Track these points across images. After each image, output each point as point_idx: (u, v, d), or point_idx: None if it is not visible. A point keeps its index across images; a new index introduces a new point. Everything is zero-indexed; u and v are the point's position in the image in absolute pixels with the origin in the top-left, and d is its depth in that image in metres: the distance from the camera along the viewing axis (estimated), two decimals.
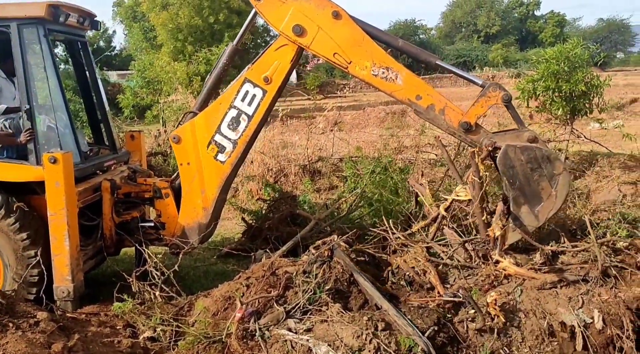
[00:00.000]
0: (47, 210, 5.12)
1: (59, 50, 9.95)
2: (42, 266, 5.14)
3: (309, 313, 4.25)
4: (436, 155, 10.67)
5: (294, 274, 4.55)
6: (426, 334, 4.05)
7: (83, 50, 6.42)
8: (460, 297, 4.35)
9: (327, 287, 4.38)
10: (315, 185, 10.46)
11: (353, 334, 3.95)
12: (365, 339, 3.92)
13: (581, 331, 4.18)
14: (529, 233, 4.94)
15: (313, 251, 4.81)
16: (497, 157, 4.94)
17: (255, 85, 5.38)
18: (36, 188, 5.28)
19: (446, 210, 5.43)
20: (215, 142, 5.52)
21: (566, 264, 4.80)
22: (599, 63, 34.92)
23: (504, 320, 4.16)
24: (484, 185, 5.02)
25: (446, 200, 5.48)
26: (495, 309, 4.16)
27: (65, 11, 5.52)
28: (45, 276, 5.16)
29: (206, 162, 5.57)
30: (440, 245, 5.40)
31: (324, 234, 6.31)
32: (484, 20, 57.42)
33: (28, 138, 5.30)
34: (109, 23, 44.76)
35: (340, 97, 32.48)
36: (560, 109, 9.57)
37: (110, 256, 6.13)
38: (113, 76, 33.07)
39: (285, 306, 4.32)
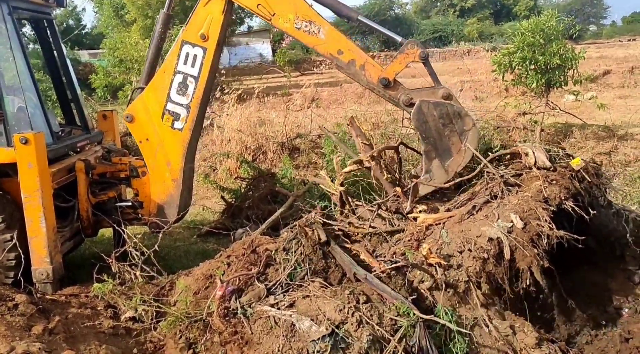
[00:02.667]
0: (20, 193, 5.01)
1: (27, 29, 9.65)
2: (19, 250, 5.06)
3: (290, 290, 4.26)
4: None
5: (274, 251, 4.54)
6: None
7: (50, 29, 6.24)
8: (400, 261, 4.41)
9: (306, 264, 4.38)
10: (294, 162, 10.43)
11: (335, 309, 3.97)
12: (348, 313, 3.94)
13: (506, 238, 4.40)
14: (439, 186, 5.17)
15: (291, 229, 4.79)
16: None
17: (193, 45, 5.36)
18: (8, 170, 5.17)
19: (341, 184, 5.54)
20: (169, 111, 5.50)
21: (474, 193, 5.07)
22: (574, 35, 35.22)
23: (444, 262, 4.28)
24: (373, 146, 5.30)
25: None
26: (432, 257, 4.28)
27: None
28: (22, 259, 5.09)
29: (164, 134, 5.54)
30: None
31: (303, 211, 6.30)
32: None
33: None
34: (78, 0, 43.40)
35: (316, 73, 32.27)
36: (535, 82, 9.65)
37: (88, 237, 6.05)
38: (84, 55, 32.26)
39: (266, 283, 4.32)
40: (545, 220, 4.51)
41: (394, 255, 4.57)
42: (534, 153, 5.15)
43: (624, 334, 4.67)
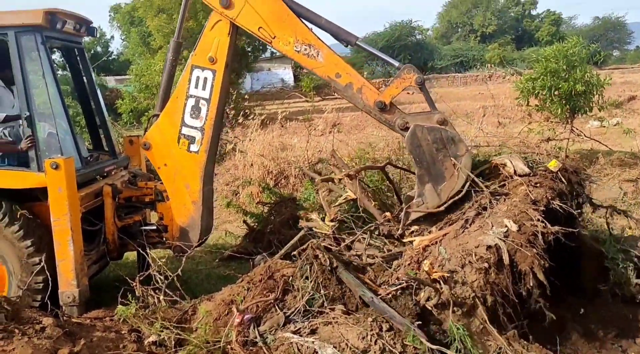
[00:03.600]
0: (50, 216, 5.12)
1: (57, 56, 9.96)
2: (47, 273, 5.14)
3: (310, 316, 4.24)
4: None
5: (291, 277, 4.53)
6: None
7: (80, 57, 6.44)
8: (404, 282, 4.38)
9: (321, 290, 4.34)
10: (316, 187, 10.45)
11: (358, 336, 3.94)
12: (371, 341, 3.91)
13: (503, 243, 4.39)
14: (432, 209, 5.13)
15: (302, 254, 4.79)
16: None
17: (203, 69, 5.47)
18: (39, 194, 5.28)
19: (332, 220, 5.60)
20: (184, 135, 5.59)
21: (463, 209, 5.07)
22: (599, 61, 34.97)
23: (447, 275, 4.25)
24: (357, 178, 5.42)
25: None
26: (435, 272, 4.26)
27: (62, 18, 5.54)
28: (50, 282, 5.17)
29: (181, 157, 5.63)
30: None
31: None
32: (480, 20, 57.48)
33: (29, 145, 5.30)
34: (106, 28, 44.61)
35: (338, 98, 32.49)
36: (560, 108, 9.58)
37: (114, 260, 6.12)
38: (111, 81, 33.03)
39: (285, 310, 4.30)
40: (538, 219, 4.56)
41: (397, 279, 4.55)
42: (511, 162, 5.28)
43: None
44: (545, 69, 9.45)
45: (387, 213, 5.39)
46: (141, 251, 5.74)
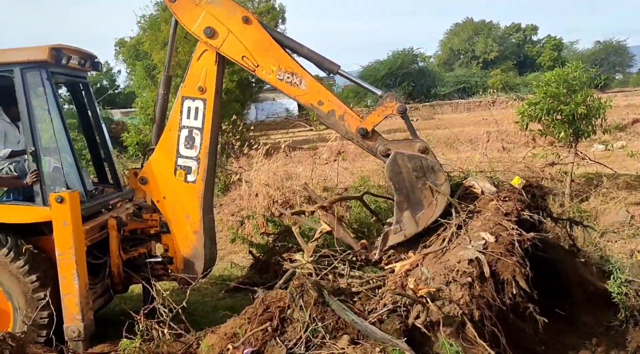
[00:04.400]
0: (55, 250, 5.12)
1: (63, 90, 10.09)
2: (52, 308, 5.12)
3: (314, 348, 4.18)
4: None
5: (286, 309, 4.49)
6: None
7: (85, 91, 6.53)
8: (390, 303, 4.39)
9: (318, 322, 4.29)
10: (290, 221, 10.42)
11: None
12: None
13: (483, 255, 4.45)
14: (409, 236, 5.24)
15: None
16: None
17: (194, 99, 5.56)
18: (43, 229, 5.30)
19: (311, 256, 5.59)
20: (180, 166, 5.65)
21: (437, 231, 5.18)
22: (600, 85, 35.09)
23: (433, 290, 4.24)
24: (334, 212, 5.56)
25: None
26: (420, 289, 4.25)
27: (66, 54, 5.63)
28: (55, 317, 5.14)
29: (179, 189, 5.68)
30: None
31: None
32: (481, 46, 58.00)
33: (34, 179, 5.35)
34: (112, 62, 45.26)
35: None
36: (563, 132, 9.58)
37: (119, 294, 6.09)
38: (117, 114, 33.37)
39: (286, 342, 4.26)
40: (513, 228, 4.69)
41: (385, 305, 4.52)
42: (478, 183, 5.45)
43: None
44: (545, 93, 9.48)
45: (364, 241, 5.49)
46: (145, 285, 5.71)
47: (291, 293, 4.47)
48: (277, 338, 4.26)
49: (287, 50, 5.49)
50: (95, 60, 6.38)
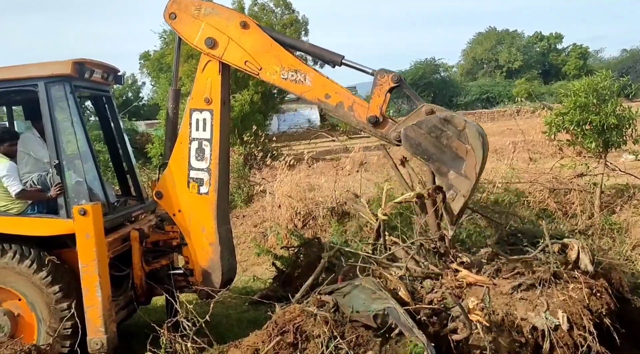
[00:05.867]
0: (78, 263, 5.13)
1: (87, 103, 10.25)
2: (76, 319, 5.12)
3: None
4: None
5: (304, 324, 4.42)
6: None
7: (108, 104, 6.58)
8: (437, 303, 4.32)
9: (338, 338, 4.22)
10: (344, 227, 10.34)
11: None
12: None
13: (551, 333, 4.27)
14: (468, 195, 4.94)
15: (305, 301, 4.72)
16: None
17: (201, 111, 5.55)
18: (67, 241, 5.32)
19: (384, 214, 5.47)
20: (192, 178, 5.64)
21: (517, 270, 4.88)
22: (630, 94, 34.42)
23: (487, 324, 4.12)
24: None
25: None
26: (477, 314, 4.15)
27: (90, 68, 5.69)
28: (79, 328, 5.14)
29: (193, 201, 5.65)
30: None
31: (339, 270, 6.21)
32: (505, 56, 57.52)
33: (58, 192, 5.39)
34: (137, 75, 46.03)
35: (364, 137, 32.58)
36: (593, 142, 9.34)
37: (142, 305, 6.08)
38: (141, 126, 33.79)
39: None
40: (591, 333, 4.38)
41: (431, 302, 4.49)
42: (580, 251, 4.97)
43: None
44: (574, 103, 9.27)
45: (446, 232, 5.23)
46: (168, 297, 5.68)
47: (307, 310, 4.41)
48: None
49: (288, 49, 5.44)
50: (118, 73, 6.44)
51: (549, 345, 4.23)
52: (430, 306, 4.49)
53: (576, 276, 4.71)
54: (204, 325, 5.06)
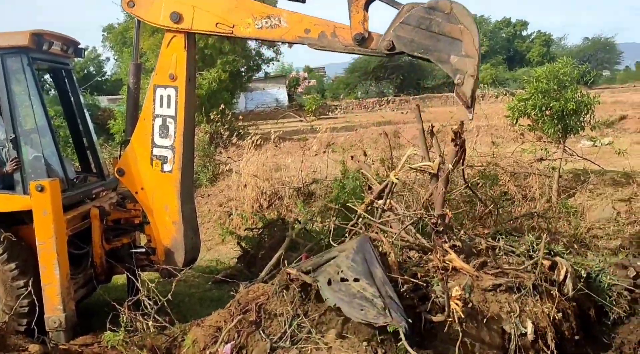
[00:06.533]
0: (35, 239, 5.02)
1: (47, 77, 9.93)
2: (33, 297, 5.03)
3: (300, 341, 4.15)
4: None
5: (267, 302, 4.46)
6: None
7: (68, 78, 6.40)
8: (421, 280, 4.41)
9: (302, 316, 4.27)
10: (311, 207, 10.38)
11: None
12: None
13: (517, 340, 4.42)
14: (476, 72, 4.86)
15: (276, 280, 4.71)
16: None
17: (165, 87, 5.46)
18: (24, 217, 5.20)
19: (397, 177, 5.51)
20: (156, 156, 5.56)
21: (503, 269, 4.97)
22: (589, 81, 35.30)
23: (462, 316, 4.22)
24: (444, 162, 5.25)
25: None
26: (457, 303, 4.22)
27: (48, 39, 5.52)
28: (36, 307, 5.05)
29: (156, 179, 5.58)
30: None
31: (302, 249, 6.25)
32: None
33: (14, 167, 5.25)
34: (100, 49, 44.77)
35: (332, 118, 32.60)
36: (552, 128, 9.59)
37: (102, 284, 6.01)
38: (104, 101, 33.00)
39: (271, 337, 4.21)
40: (552, 352, 4.54)
41: (414, 276, 4.58)
42: (566, 274, 5.04)
43: None
44: (536, 89, 9.46)
45: (449, 211, 5.26)
46: (130, 276, 5.63)
47: (276, 287, 4.43)
48: (261, 332, 4.21)
49: None
50: (79, 46, 6.27)
51: (515, 348, 4.38)
52: (414, 280, 4.56)
53: (553, 294, 4.84)
54: (165, 304, 5.05)
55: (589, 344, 5.09)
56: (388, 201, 5.64)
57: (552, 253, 5.37)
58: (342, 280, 4.29)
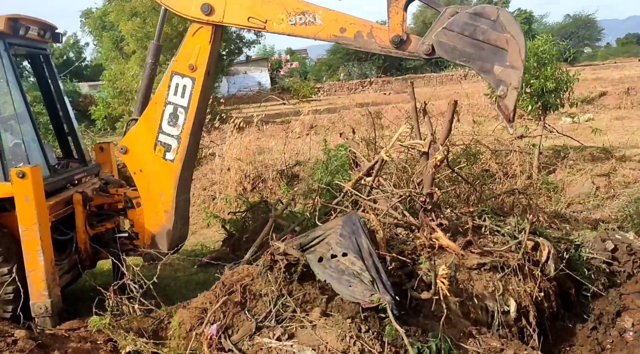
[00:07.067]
0: (18, 226, 5.00)
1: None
2: (18, 283, 5.02)
3: (284, 320, 4.20)
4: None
5: (252, 283, 4.48)
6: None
7: (46, 63, 6.30)
8: (408, 257, 4.51)
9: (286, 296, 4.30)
10: (294, 189, 10.42)
11: (337, 338, 3.92)
12: (350, 342, 3.89)
13: (500, 317, 4.57)
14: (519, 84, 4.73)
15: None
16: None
17: (183, 76, 5.34)
18: (6, 204, 5.16)
19: (388, 155, 5.55)
20: (161, 142, 5.48)
21: (490, 248, 5.08)
22: (569, 59, 35.54)
23: (448, 294, 4.28)
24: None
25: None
26: (444, 281, 4.27)
27: (25, 24, 5.42)
28: (21, 293, 5.05)
29: (156, 165, 5.52)
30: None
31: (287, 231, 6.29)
32: None
33: None
34: (79, 34, 44.06)
35: (315, 100, 32.51)
36: (531, 105, 9.70)
37: (87, 269, 6.01)
38: (84, 87, 32.58)
39: (256, 316, 4.27)
40: (534, 330, 4.72)
41: (401, 253, 4.64)
42: (549, 255, 5.15)
43: None
44: None
45: (437, 190, 5.26)
46: (114, 260, 5.64)
47: (261, 268, 4.46)
48: (246, 312, 4.26)
49: None
50: (56, 31, 6.16)
51: (498, 325, 4.51)
52: (401, 257, 4.59)
53: (536, 274, 4.96)
54: (151, 287, 5.07)
55: (569, 318, 5.25)
56: (377, 179, 5.68)
57: (536, 233, 5.47)
58: (332, 256, 4.33)
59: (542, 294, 4.97)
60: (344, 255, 4.31)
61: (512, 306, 4.69)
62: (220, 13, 5.13)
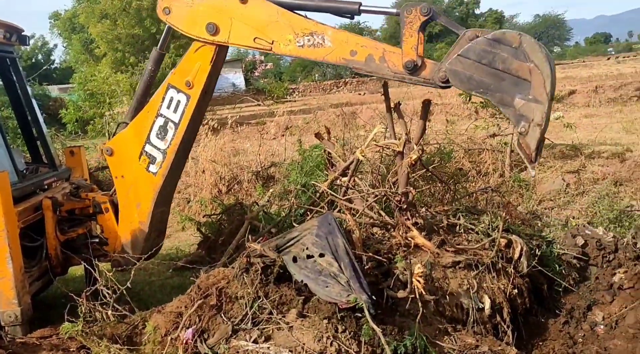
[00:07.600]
0: None
1: None
2: None
3: (261, 323, 4.19)
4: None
5: (227, 286, 4.45)
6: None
7: (13, 67, 6.13)
8: (384, 257, 4.54)
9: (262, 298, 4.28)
10: (270, 191, 10.40)
11: (314, 338, 3.92)
12: (326, 342, 3.90)
13: (474, 315, 4.65)
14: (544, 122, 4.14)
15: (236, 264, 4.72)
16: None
17: (178, 91, 5.16)
18: None
19: (363, 155, 5.60)
20: (146, 152, 5.33)
21: (464, 247, 5.16)
22: None
23: (424, 293, 4.31)
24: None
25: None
26: (420, 280, 4.28)
27: None
28: None
29: (139, 174, 5.39)
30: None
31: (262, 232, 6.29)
32: None
33: None
34: (48, 37, 43.29)
35: (290, 101, 32.51)
36: None
37: (58, 276, 5.88)
38: (54, 90, 31.99)
39: (232, 319, 4.24)
40: (508, 326, 4.82)
41: (377, 253, 4.66)
42: (521, 252, 5.23)
43: (600, 351, 4.72)
44: None
45: (412, 189, 5.22)
46: (86, 266, 5.54)
47: (236, 271, 4.44)
48: (222, 315, 4.23)
49: (297, 12, 4.86)
50: (22, 33, 6.01)
51: (473, 322, 4.59)
52: (377, 256, 4.60)
53: (509, 271, 5.05)
54: (125, 292, 5.00)
55: (542, 313, 5.35)
56: (353, 179, 5.70)
57: (509, 230, 5.56)
58: (309, 256, 4.32)
59: (515, 290, 5.07)
60: (321, 255, 4.31)
61: (487, 303, 4.78)
62: (225, 33, 4.88)
